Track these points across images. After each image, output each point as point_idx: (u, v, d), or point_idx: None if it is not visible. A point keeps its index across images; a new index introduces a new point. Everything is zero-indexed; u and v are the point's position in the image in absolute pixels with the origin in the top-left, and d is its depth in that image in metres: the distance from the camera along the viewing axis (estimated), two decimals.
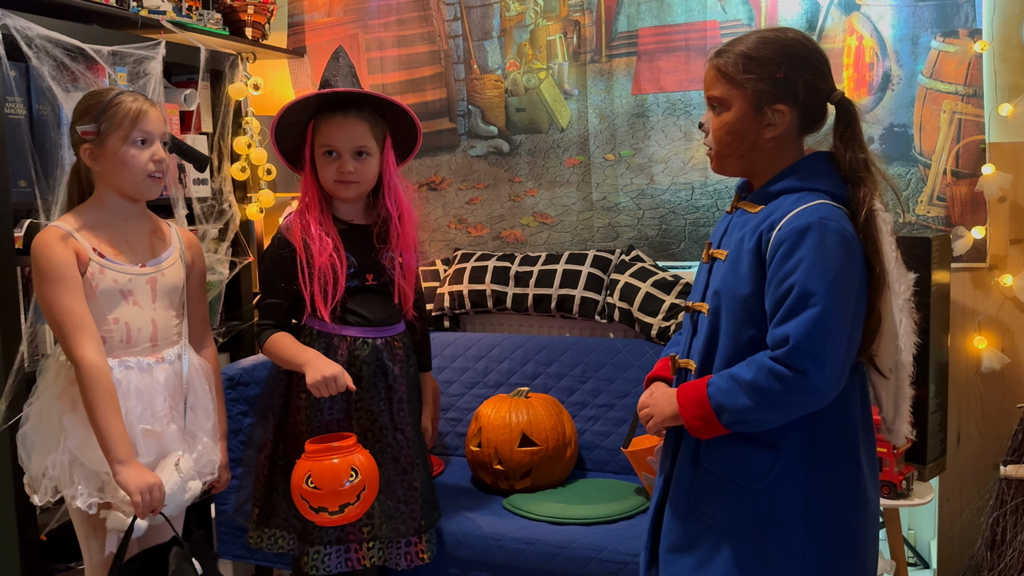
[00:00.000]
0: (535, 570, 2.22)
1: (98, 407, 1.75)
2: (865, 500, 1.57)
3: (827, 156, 1.57)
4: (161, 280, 1.93)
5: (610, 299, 2.76)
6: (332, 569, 2.09)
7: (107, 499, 1.83)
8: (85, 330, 1.78)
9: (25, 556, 2.12)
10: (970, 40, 2.53)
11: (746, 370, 1.49)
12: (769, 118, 1.54)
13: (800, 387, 1.45)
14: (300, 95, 2.14)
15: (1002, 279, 2.56)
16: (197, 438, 1.97)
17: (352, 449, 1.98)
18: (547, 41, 2.96)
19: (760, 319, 1.52)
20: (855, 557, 1.57)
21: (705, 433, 1.55)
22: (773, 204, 1.55)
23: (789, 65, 1.52)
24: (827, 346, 1.44)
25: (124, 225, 1.91)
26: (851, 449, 1.55)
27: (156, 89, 2.44)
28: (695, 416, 1.54)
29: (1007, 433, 2.49)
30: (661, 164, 2.86)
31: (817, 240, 1.45)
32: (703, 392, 1.53)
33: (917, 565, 2.77)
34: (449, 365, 2.88)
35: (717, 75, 1.57)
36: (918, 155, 2.62)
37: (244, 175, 2.88)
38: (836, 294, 1.44)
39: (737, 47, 1.55)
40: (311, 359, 2.04)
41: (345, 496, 1.95)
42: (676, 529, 1.64)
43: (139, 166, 1.85)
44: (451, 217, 3.13)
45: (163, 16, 2.58)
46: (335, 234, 2.10)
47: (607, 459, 2.67)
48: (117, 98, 1.84)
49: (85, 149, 1.84)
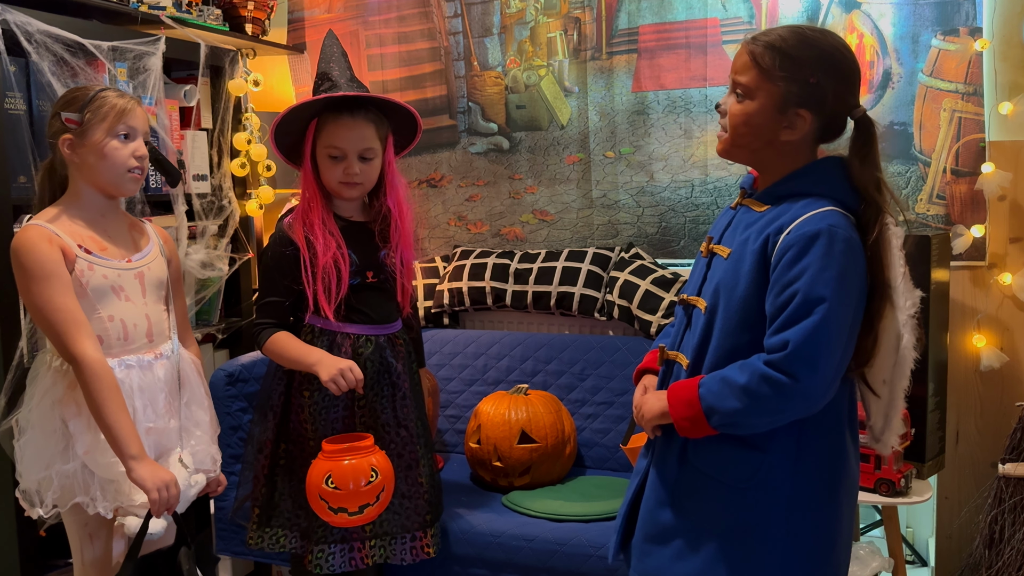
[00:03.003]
0: (534, 567, 2.22)
1: (104, 404, 1.72)
2: (845, 505, 1.57)
3: (839, 162, 1.54)
4: (148, 274, 1.91)
5: (609, 296, 2.77)
6: (336, 568, 2.09)
7: (122, 502, 1.81)
8: (81, 327, 1.74)
9: (24, 551, 2.12)
10: (970, 38, 2.53)
11: (739, 373, 1.48)
12: (790, 120, 1.51)
13: (792, 393, 1.44)
14: (304, 99, 2.10)
15: (1001, 278, 2.56)
16: (191, 432, 1.96)
17: (371, 450, 1.99)
18: (547, 38, 2.96)
19: (757, 322, 1.50)
20: (831, 562, 1.57)
21: (693, 433, 1.55)
22: (782, 207, 1.53)
23: (824, 72, 1.49)
24: (823, 354, 1.43)
25: (103, 220, 1.88)
26: (838, 456, 1.54)
27: (156, 85, 2.43)
28: (684, 416, 1.54)
29: (1006, 431, 2.50)
30: (661, 162, 2.86)
31: (825, 247, 1.43)
32: (694, 393, 1.53)
33: (915, 563, 2.77)
34: (448, 362, 2.87)
35: (751, 62, 1.53)
36: (918, 153, 2.62)
37: (244, 171, 2.88)
38: (839, 303, 1.43)
39: (777, 39, 1.51)
40: (321, 358, 2.03)
41: (365, 496, 1.95)
42: (655, 520, 1.63)
43: (120, 160, 1.82)
44: (451, 214, 3.12)
45: (163, 12, 2.57)
46: (337, 232, 2.10)
47: (606, 456, 2.67)
48: (103, 92, 1.82)
49: (65, 139, 1.80)
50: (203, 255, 2.66)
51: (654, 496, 1.64)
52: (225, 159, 2.82)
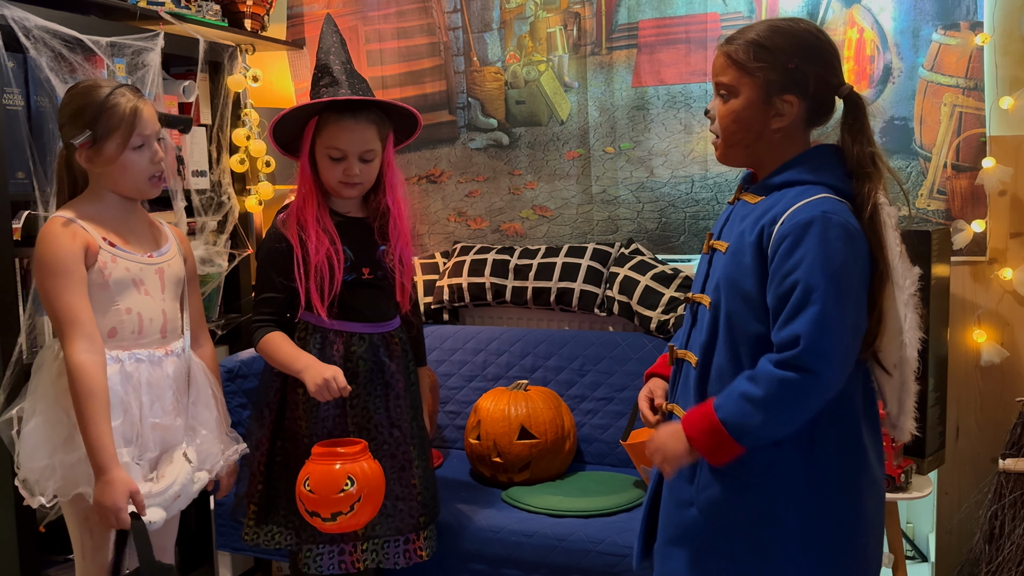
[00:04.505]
0: (534, 562, 2.22)
1: (82, 410, 1.71)
2: (867, 496, 1.55)
3: (832, 149, 1.55)
4: (168, 271, 1.92)
5: (609, 292, 2.76)
6: (325, 570, 2.08)
7: None
8: (78, 328, 1.74)
9: (23, 548, 2.12)
10: (971, 33, 2.52)
11: (754, 386, 1.45)
12: (777, 108, 1.52)
13: (812, 389, 1.43)
14: (305, 99, 2.08)
15: (1002, 273, 2.55)
16: (197, 431, 1.96)
17: (356, 457, 1.94)
18: (547, 33, 2.96)
19: (762, 314, 1.50)
20: (854, 555, 1.55)
21: (723, 459, 1.50)
22: (775, 196, 1.53)
23: (801, 56, 1.51)
24: (834, 342, 1.42)
25: (124, 217, 1.89)
26: (855, 446, 1.53)
27: (155, 81, 2.43)
28: (711, 448, 1.49)
29: (1006, 427, 2.49)
30: (661, 157, 2.86)
31: (820, 234, 1.43)
32: (713, 420, 1.48)
33: (915, 558, 2.77)
34: (448, 358, 2.87)
35: (727, 62, 1.55)
36: (918, 148, 2.62)
37: (243, 167, 2.88)
38: (840, 289, 1.42)
39: (748, 34, 1.53)
40: (308, 365, 2.01)
41: (338, 505, 1.91)
42: (674, 521, 1.62)
43: (141, 170, 1.83)
44: (450, 210, 3.12)
45: (162, 7, 2.57)
46: (332, 229, 2.08)
47: (606, 452, 2.67)
48: (109, 100, 1.78)
49: (81, 154, 1.80)
50: (202, 251, 2.66)
51: (671, 498, 1.64)
52: (224, 155, 2.82)
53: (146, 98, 1.87)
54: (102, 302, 1.80)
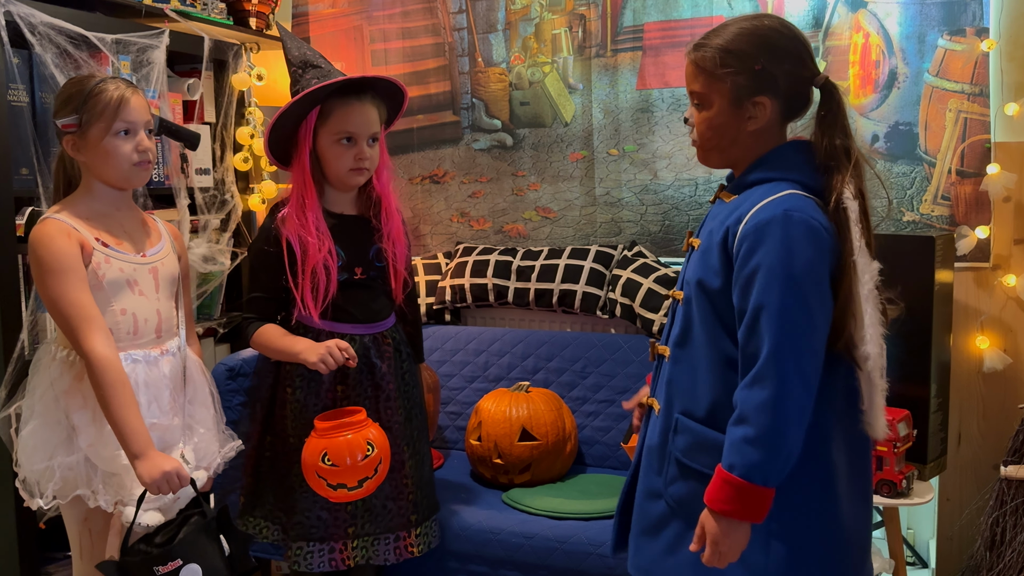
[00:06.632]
0: (534, 564, 2.22)
1: (111, 401, 1.72)
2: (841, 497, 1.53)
3: (802, 144, 1.54)
4: (162, 269, 1.92)
5: (612, 295, 2.76)
6: (315, 567, 2.08)
7: (124, 496, 1.80)
8: (93, 322, 1.74)
9: (23, 545, 2.12)
10: (977, 39, 2.52)
11: (740, 428, 1.43)
12: (750, 111, 1.52)
13: (789, 393, 1.41)
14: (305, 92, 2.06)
15: (1005, 279, 2.55)
16: (194, 430, 1.96)
17: (364, 423, 1.98)
18: (552, 35, 2.95)
19: (727, 312, 1.49)
20: (829, 555, 1.53)
21: (763, 508, 1.44)
22: (744, 195, 1.53)
23: (767, 56, 1.50)
24: (799, 343, 1.41)
25: (117, 215, 1.88)
26: (822, 447, 1.51)
27: (159, 78, 2.43)
28: (745, 506, 1.44)
29: (1008, 433, 2.49)
30: (665, 160, 2.86)
31: (780, 234, 1.42)
32: (730, 480, 1.43)
33: (916, 564, 2.77)
34: (450, 359, 2.87)
35: (696, 70, 1.55)
36: (923, 153, 2.61)
37: (246, 165, 2.88)
38: (800, 289, 1.41)
39: (715, 40, 1.53)
40: (307, 346, 2.02)
41: (363, 471, 1.94)
42: (646, 513, 1.63)
43: (123, 156, 1.81)
44: (453, 210, 3.12)
45: (167, 5, 2.57)
46: (326, 230, 2.07)
47: (607, 454, 2.67)
48: (97, 87, 1.79)
49: (68, 140, 1.81)
50: (205, 249, 2.66)
51: (643, 489, 1.65)
52: (228, 153, 2.82)
53: (140, 91, 1.86)
54: (97, 303, 1.79)
